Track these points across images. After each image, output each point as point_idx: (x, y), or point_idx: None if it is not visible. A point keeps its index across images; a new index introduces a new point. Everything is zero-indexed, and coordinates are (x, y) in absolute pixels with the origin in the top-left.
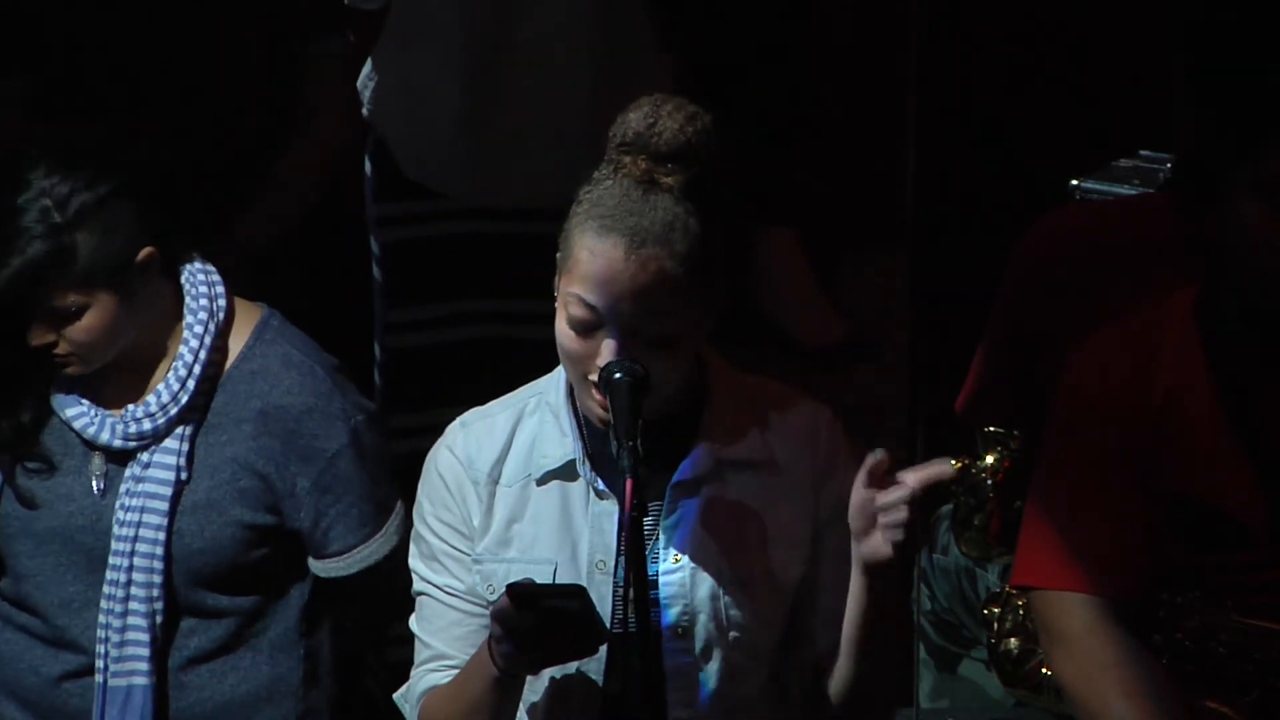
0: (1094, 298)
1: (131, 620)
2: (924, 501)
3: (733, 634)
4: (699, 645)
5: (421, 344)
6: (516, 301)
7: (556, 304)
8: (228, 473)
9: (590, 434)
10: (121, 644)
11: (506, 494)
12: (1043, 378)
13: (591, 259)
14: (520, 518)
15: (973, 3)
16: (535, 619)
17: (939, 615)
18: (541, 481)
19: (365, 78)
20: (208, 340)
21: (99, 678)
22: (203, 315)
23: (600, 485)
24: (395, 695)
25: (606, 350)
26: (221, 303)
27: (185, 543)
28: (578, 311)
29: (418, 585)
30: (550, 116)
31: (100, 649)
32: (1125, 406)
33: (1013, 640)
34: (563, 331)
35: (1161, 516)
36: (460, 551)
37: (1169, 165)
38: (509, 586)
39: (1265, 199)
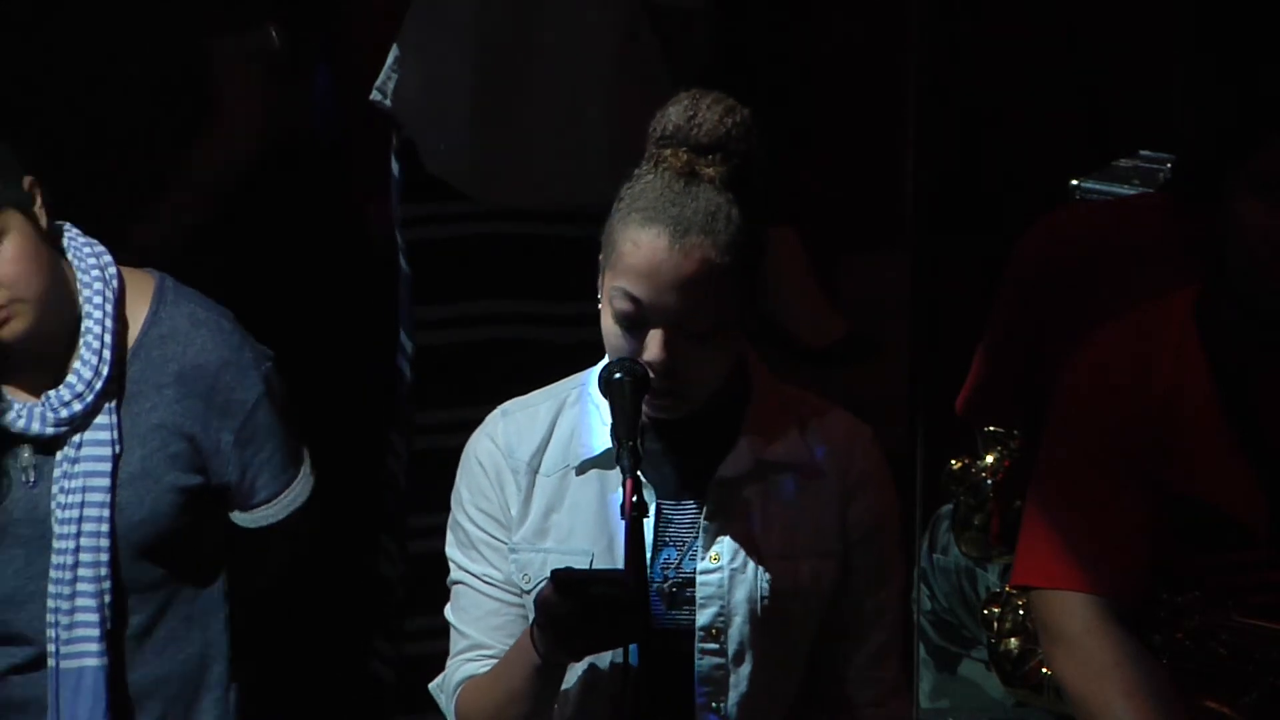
0: (1094, 297)
1: (80, 602)
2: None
3: (766, 639)
4: (732, 648)
5: (450, 342)
6: (540, 303)
7: (600, 302)
8: (157, 440)
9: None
10: (71, 626)
11: (546, 484)
12: (1043, 377)
13: (635, 251)
14: (558, 508)
15: (972, 3)
16: (579, 605)
17: (939, 615)
18: (580, 471)
19: (388, 70)
20: (109, 308)
21: (50, 662)
22: (98, 285)
23: (639, 476)
24: (431, 685)
25: (653, 344)
26: (112, 270)
27: (127, 515)
28: (623, 305)
29: (455, 574)
30: (565, 119)
31: (50, 633)
32: (1125, 406)
33: (1013, 640)
34: (608, 328)
35: (1161, 516)
36: (499, 540)
37: (1169, 165)
38: (554, 573)
39: (1264, 197)
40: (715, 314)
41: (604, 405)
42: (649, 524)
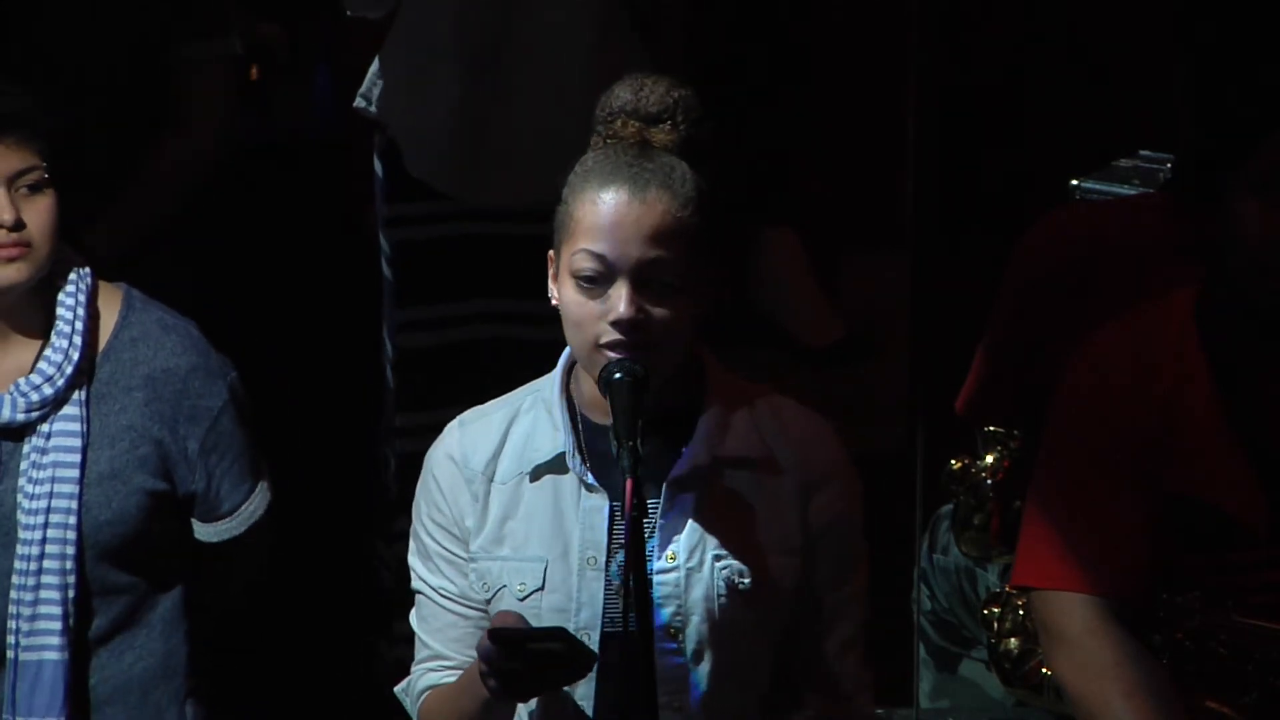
0: (1094, 297)
1: (44, 594)
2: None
3: (725, 637)
4: (690, 647)
5: (433, 344)
6: (525, 303)
7: (558, 280)
8: (126, 441)
9: (585, 428)
10: (33, 618)
11: (501, 491)
12: (1043, 377)
13: (595, 210)
14: (513, 515)
15: (973, 3)
16: (520, 659)
17: (939, 615)
18: (534, 477)
19: (373, 77)
20: (82, 298)
21: (9, 654)
22: (72, 277)
23: (590, 479)
24: (396, 689)
25: (619, 299)
26: (86, 270)
27: (93, 515)
28: (586, 265)
29: (415, 583)
30: (548, 119)
31: (11, 624)
32: (1125, 406)
33: (1013, 640)
34: (570, 299)
35: (1161, 516)
36: (452, 554)
37: (1169, 165)
38: (491, 631)
39: (1264, 197)
40: (677, 267)
41: (556, 409)
42: (603, 524)
